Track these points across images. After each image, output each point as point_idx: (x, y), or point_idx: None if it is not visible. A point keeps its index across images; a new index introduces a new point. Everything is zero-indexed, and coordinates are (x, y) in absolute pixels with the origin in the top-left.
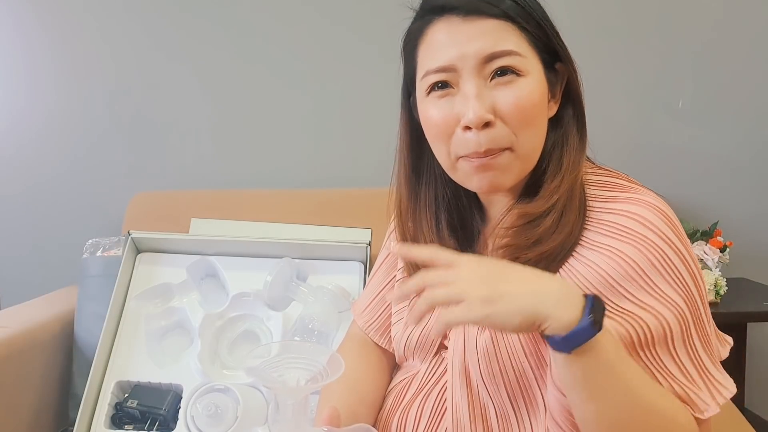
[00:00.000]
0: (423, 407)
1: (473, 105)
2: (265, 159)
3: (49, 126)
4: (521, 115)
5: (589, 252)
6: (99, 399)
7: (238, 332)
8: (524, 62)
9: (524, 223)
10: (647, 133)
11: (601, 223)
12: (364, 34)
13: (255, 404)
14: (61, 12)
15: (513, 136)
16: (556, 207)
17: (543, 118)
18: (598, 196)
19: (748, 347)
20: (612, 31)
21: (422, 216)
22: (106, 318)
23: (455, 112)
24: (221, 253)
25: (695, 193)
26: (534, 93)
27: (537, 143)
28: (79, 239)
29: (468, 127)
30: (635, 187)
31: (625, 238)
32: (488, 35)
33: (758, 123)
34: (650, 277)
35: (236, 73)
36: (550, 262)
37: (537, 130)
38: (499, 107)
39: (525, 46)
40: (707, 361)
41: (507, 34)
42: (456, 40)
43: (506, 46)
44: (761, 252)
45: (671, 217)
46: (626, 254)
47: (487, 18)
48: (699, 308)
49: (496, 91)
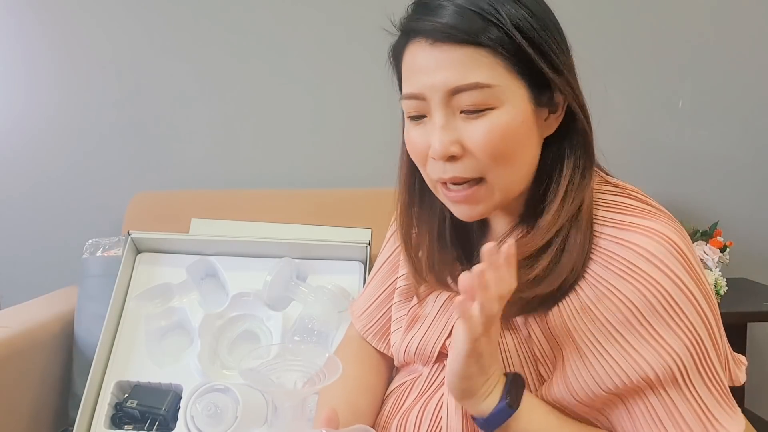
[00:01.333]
0: (423, 413)
1: (438, 137)
2: (264, 159)
3: (49, 126)
4: (492, 150)
5: (591, 290)
6: (99, 399)
7: (238, 332)
8: (496, 92)
9: (521, 259)
10: (647, 133)
11: (607, 256)
12: (364, 34)
13: (255, 404)
14: (61, 13)
15: (484, 167)
16: (556, 241)
17: (524, 147)
18: (607, 219)
19: (748, 347)
20: (612, 31)
21: (423, 223)
22: (106, 318)
23: (427, 140)
24: (221, 253)
25: (695, 193)
26: (509, 124)
27: (517, 174)
28: (79, 239)
29: (434, 158)
30: (649, 210)
31: (628, 276)
32: (455, 66)
33: (758, 123)
34: (649, 322)
35: (236, 74)
36: (551, 299)
37: (515, 161)
38: (466, 142)
39: (501, 73)
40: (711, 402)
41: (476, 65)
42: (424, 67)
43: (472, 79)
44: (761, 252)
45: (682, 249)
46: (626, 296)
47: (456, 45)
48: (705, 350)
49: (465, 124)
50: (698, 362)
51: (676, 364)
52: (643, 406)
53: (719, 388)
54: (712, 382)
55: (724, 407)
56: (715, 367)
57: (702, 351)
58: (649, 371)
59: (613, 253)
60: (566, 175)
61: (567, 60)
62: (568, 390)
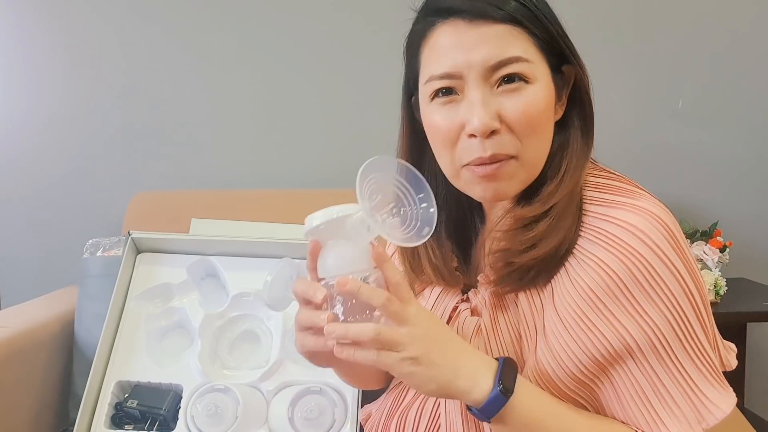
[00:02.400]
0: (422, 411)
1: (478, 112)
2: (264, 159)
3: (49, 127)
4: (528, 124)
5: (578, 264)
6: (99, 399)
7: (238, 332)
8: (532, 68)
9: (518, 227)
10: (647, 133)
11: (595, 232)
12: (364, 35)
13: (255, 404)
14: (62, 14)
15: (518, 143)
16: (552, 211)
17: (549, 124)
18: (595, 199)
19: (748, 347)
20: (612, 32)
21: None
22: (106, 318)
23: (460, 119)
24: (221, 253)
25: (695, 193)
26: (541, 100)
27: (543, 151)
28: (79, 239)
29: (473, 134)
30: (636, 191)
31: (613, 248)
32: (495, 41)
33: (758, 123)
34: (631, 293)
35: (236, 74)
36: (542, 270)
37: (543, 138)
38: (506, 115)
39: (533, 50)
40: (698, 377)
41: (514, 40)
42: (461, 45)
43: (514, 53)
44: (761, 252)
45: (670, 227)
46: (609, 266)
47: (493, 23)
48: (689, 324)
49: (502, 98)
50: (681, 336)
51: (656, 335)
52: (627, 379)
53: (707, 365)
54: (699, 358)
55: (713, 383)
56: (702, 344)
57: (686, 325)
58: (630, 341)
59: (601, 228)
60: (568, 157)
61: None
62: (557, 362)
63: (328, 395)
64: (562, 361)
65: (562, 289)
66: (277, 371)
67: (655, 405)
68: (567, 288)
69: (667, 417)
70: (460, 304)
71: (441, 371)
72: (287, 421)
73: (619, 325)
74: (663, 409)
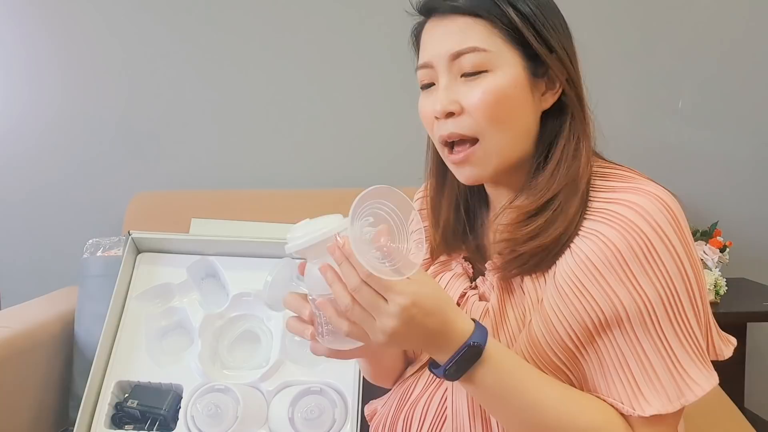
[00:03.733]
0: (428, 406)
1: (440, 97)
2: (265, 159)
3: (49, 127)
4: (487, 110)
5: (581, 241)
6: (99, 399)
7: (238, 332)
8: (490, 57)
9: (519, 221)
10: (647, 133)
11: (600, 212)
12: (364, 35)
13: (255, 404)
14: (63, 14)
15: (477, 126)
16: (553, 204)
17: (517, 112)
18: (601, 186)
19: (748, 347)
20: (612, 32)
21: (444, 203)
22: (106, 318)
23: (433, 104)
24: (221, 253)
25: (695, 193)
26: (503, 87)
27: (510, 138)
28: (79, 239)
29: (437, 117)
30: (642, 179)
31: (614, 223)
32: (456, 33)
33: (758, 123)
34: (628, 264)
35: (236, 74)
36: (546, 256)
37: (510, 125)
38: (463, 101)
39: (495, 41)
40: (683, 355)
41: (473, 32)
42: (433, 38)
43: (469, 43)
44: (761, 252)
45: (673, 210)
46: (609, 239)
47: (457, 16)
48: (680, 302)
49: (464, 87)
50: (671, 312)
51: (647, 307)
52: (612, 350)
53: (693, 344)
54: (686, 337)
55: (696, 363)
56: (690, 324)
57: (676, 304)
58: (621, 309)
59: (606, 209)
60: (560, 145)
61: (566, 43)
62: (548, 329)
63: (328, 395)
64: (553, 327)
65: (564, 265)
66: (277, 371)
67: (637, 377)
68: (568, 262)
69: (647, 390)
70: (468, 290)
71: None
72: (287, 421)
73: (611, 292)
74: (644, 381)
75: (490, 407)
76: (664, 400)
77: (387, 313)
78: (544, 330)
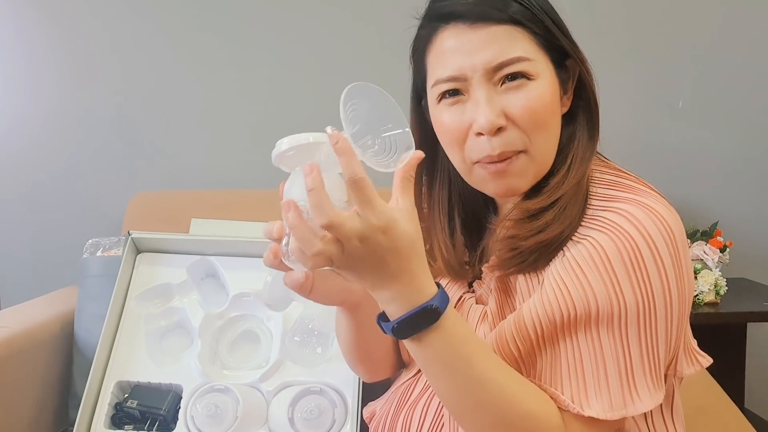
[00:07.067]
0: (428, 407)
1: (484, 111)
2: (265, 159)
3: (49, 126)
4: (533, 118)
5: (573, 246)
6: (99, 399)
7: (238, 332)
8: (533, 65)
9: (526, 217)
10: (647, 133)
11: (594, 220)
12: (364, 35)
13: (255, 404)
14: (61, 14)
15: (526, 138)
16: (559, 202)
17: (556, 118)
18: (600, 194)
19: (748, 347)
20: (612, 31)
21: (435, 215)
22: (106, 318)
23: (467, 118)
24: (221, 253)
25: (695, 193)
26: (545, 95)
27: (551, 144)
28: (79, 239)
29: (480, 133)
30: (644, 189)
31: (607, 230)
32: (496, 43)
33: (758, 123)
34: (612, 265)
35: (236, 74)
36: (543, 254)
37: (550, 132)
38: (510, 111)
39: (534, 48)
40: (638, 367)
41: (515, 40)
42: (464, 48)
43: (514, 53)
44: (761, 252)
45: (668, 223)
46: (600, 244)
47: (494, 24)
48: (653, 317)
49: (506, 96)
50: (641, 321)
51: (620, 310)
52: (571, 351)
53: (652, 359)
54: (648, 350)
55: (648, 379)
56: (657, 339)
57: (650, 314)
58: (593, 305)
59: (600, 216)
60: (573, 149)
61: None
62: (516, 319)
63: (328, 395)
64: (522, 318)
65: (554, 268)
66: (277, 371)
67: (588, 375)
68: (557, 267)
69: (593, 390)
70: (465, 294)
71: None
72: (287, 421)
73: (589, 288)
74: (593, 381)
75: (431, 374)
76: (606, 405)
77: (353, 226)
78: (513, 319)
